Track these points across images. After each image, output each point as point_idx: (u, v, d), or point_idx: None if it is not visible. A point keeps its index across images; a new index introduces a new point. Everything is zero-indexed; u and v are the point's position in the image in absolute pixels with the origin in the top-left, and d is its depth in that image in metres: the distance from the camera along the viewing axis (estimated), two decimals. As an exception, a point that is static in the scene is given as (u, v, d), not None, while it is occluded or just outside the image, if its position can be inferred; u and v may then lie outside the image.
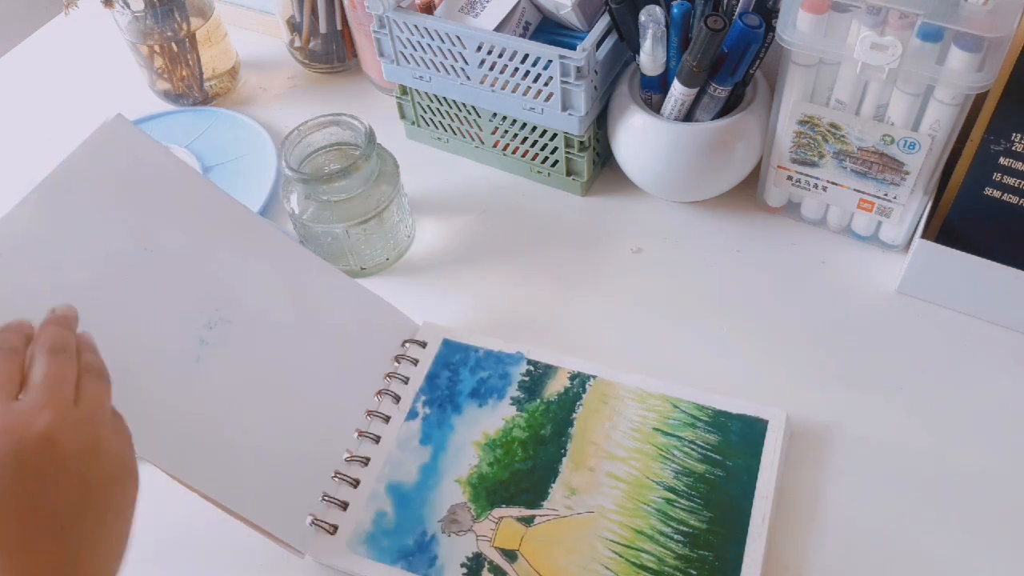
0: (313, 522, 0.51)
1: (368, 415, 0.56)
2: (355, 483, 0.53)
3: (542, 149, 0.69)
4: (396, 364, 0.59)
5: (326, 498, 0.52)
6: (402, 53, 0.69)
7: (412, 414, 0.57)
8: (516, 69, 0.64)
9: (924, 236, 0.58)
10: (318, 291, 0.58)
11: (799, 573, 0.49)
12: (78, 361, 0.40)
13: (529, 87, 0.64)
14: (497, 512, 0.52)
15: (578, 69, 0.61)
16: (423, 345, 0.60)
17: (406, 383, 0.58)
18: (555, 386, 0.57)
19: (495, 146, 0.72)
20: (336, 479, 0.53)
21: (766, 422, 0.54)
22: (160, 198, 0.51)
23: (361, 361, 0.58)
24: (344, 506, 0.52)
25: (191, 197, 0.53)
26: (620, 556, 0.49)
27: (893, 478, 0.52)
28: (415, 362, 0.59)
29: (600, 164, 0.71)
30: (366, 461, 0.54)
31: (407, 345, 0.60)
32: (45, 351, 0.39)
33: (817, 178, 0.62)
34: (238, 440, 0.50)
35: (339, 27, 0.80)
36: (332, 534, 0.51)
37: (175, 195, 0.52)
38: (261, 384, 0.53)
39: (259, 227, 0.56)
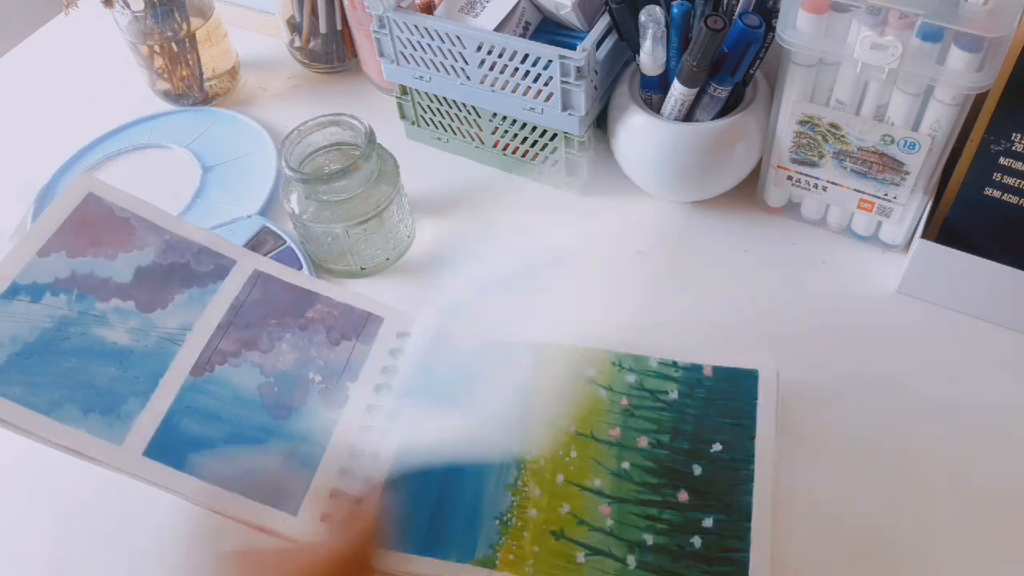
0: (324, 519, 0.51)
1: (369, 409, 0.56)
2: (365, 479, 0.53)
3: (542, 149, 0.69)
4: (391, 359, 0.59)
5: (336, 494, 0.52)
6: (402, 53, 0.69)
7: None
8: (516, 69, 0.64)
9: (924, 236, 0.58)
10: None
11: (800, 572, 0.49)
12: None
13: (529, 87, 0.64)
14: None
15: (578, 69, 0.61)
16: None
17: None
18: None
19: (495, 146, 0.72)
20: (344, 475, 0.53)
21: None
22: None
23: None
24: (357, 502, 0.52)
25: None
26: None
27: (893, 478, 0.52)
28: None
29: (600, 164, 0.71)
30: (374, 457, 0.54)
31: (401, 338, 0.60)
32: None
33: (817, 178, 0.62)
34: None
35: (339, 27, 0.80)
36: None
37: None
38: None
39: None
